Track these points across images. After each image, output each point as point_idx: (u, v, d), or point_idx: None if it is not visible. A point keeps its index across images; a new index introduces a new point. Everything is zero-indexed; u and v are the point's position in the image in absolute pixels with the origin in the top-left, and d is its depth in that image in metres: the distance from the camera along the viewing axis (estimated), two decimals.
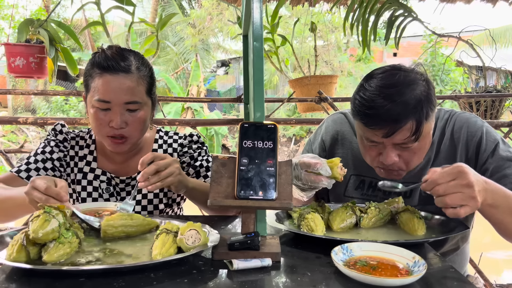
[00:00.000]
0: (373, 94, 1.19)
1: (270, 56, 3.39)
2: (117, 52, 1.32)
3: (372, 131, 1.21)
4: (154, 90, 1.41)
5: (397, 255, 0.91)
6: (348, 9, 3.00)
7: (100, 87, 1.28)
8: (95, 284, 0.79)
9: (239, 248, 0.91)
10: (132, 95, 1.30)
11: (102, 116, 1.30)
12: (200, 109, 12.34)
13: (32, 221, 0.89)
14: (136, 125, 1.34)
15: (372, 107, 1.18)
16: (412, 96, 1.17)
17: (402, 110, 1.16)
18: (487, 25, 7.25)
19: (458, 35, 3.21)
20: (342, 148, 1.48)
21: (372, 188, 1.42)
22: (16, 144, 10.14)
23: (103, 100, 1.29)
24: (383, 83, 1.20)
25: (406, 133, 1.18)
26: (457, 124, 1.36)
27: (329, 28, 12.11)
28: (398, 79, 1.20)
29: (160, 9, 15.86)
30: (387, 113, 1.16)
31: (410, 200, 1.38)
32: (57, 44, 2.65)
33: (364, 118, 1.21)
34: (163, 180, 1.19)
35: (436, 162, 1.35)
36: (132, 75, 1.30)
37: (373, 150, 1.27)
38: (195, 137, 1.55)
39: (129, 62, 1.31)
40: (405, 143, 1.20)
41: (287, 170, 0.97)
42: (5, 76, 13.29)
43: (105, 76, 1.28)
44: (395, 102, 1.16)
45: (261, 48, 1.00)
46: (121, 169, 1.47)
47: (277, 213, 1.24)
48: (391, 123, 1.17)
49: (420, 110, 1.17)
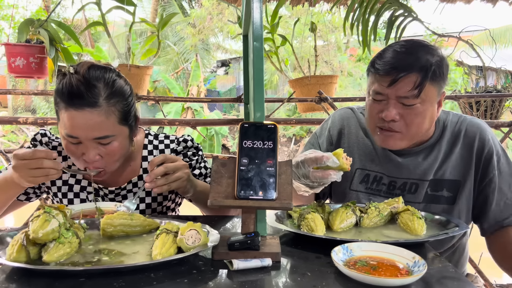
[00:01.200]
0: (393, 48, 1.31)
1: (270, 56, 3.39)
2: (83, 79, 1.18)
3: (380, 79, 1.28)
4: (131, 114, 1.28)
5: (397, 255, 0.91)
6: (348, 9, 3.00)
7: (67, 122, 1.18)
8: (95, 284, 0.79)
9: (239, 248, 0.91)
10: (100, 131, 1.20)
11: (74, 149, 1.23)
12: (200, 109, 12.34)
13: (32, 221, 0.89)
14: (110, 156, 1.25)
15: (389, 54, 1.29)
16: (424, 56, 1.27)
17: (411, 60, 1.25)
18: (487, 25, 7.26)
19: (458, 35, 3.21)
20: (349, 142, 1.50)
21: (377, 182, 1.44)
22: (16, 144, 10.15)
23: (71, 136, 1.20)
24: (408, 42, 1.33)
25: (409, 85, 1.24)
26: (469, 129, 1.39)
27: (329, 28, 12.11)
28: (418, 42, 1.32)
29: (160, 9, 15.85)
30: (397, 61, 1.26)
31: (414, 196, 1.39)
32: (57, 44, 2.65)
33: (378, 65, 1.29)
34: (170, 183, 1.18)
35: (448, 161, 1.37)
36: (99, 109, 1.18)
37: (377, 107, 1.31)
38: (189, 142, 1.46)
39: (96, 92, 1.18)
40: (407, 97, 1.25)
41: (287, 170, 0.97)
42: (5, 76, 13.28)
43: (70, 111, 1.17)
44: (407, 53, 1.27)
45: (261, 48, 1.00)
46: (110, 180, 1.38)
47: (277, 213, 1.24)
48: (398, 70, 1.25)
49: (427, 68, 1.25)
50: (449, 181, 1.37)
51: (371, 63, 1.33)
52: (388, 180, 1.42)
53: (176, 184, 1.20)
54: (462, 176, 1.37)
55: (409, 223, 1.13)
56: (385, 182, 1.43)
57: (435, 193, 1.38)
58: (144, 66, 2.98)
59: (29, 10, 12.73)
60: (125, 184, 1.40)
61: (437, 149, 1.38)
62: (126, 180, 1.41)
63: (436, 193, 1.38)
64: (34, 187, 1.40)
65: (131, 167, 1.42)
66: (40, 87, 12.86)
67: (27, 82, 13.02)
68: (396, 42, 1.36)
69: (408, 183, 1.40)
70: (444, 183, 1.37)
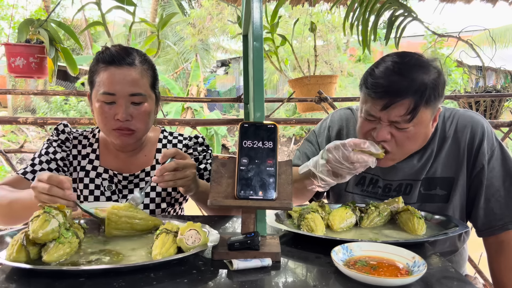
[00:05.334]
0: (385, 66, 1.25)
1: (270, 56, 3.38)
2: (121, 48, 1.37)
3: (373, 101, 1.24)
4: (157, 86, 1.44)
5: (397, 255, 0.91)
6: (348, 9, 3.00)
7: (105, 80, 1.32)
8: (95, 284, 0.79)
9: (239, 248, 0.91)
10: (136, 87, 1.33)
11: (107, 109, 1.33)
12: (200, 109, 12.34)
13: (32, 221, 0.89)
14: (141, 117, 1.35)
15: (381, 76, 1.23)
16: (419, 77, 1.20)
17: (405, 85, 1.19)
18: (487, 25, 7.25)
19: (458, 35, 3.21)
20: None
21: (372, 184, 1.44)
22: (16, 144, 10.14)
23: (108, 93, 1.31)
24: (398, 59, 1.25)
25: (401, 110, 1.20)
26: (460, 123, 1.37)
27: (328, 28, 12.11)
28: (412, 59, 1.25)
29: (160, 9, 15.85)
30: (391, 84, 1.21)
31: (409, 197, 1.39)
32: (57, 44, 2.65)
33: (370, 87, 1.24)
34: (176, 180, 1.20)
35: (438, 159, 1.36)
36: (136, 67, 1.34)
37: (368, 125, 1.29)
38: (200, 139, 1.56)
39: (133, 56, 1.35)
40: (399, 122, 1.22)
41: (287, 170, 0.97)
42: (5, 76, 13.28)
43: (110, 69, 1.32)
44: (401, 76, 1.21)
45: (261, 48, 1.00)
46: (124, 167, 1.47)
47: (277, 213, 1.24)
48: (392, 95, 1.20)
49: (422, 92, 1.19)
50: (441, 178, 1.36)
51: (364, 80, 1.28)
52: (384, 182, 1.42)
53: (182, 182, 1.22)
54: (455, 172, 1.36)
55: (409, 223, 1.13)
56: (381, 185, 1.42)
57: (428, 192, 1.38)
58: None
59: (29, 10, 12.75)
60: (138, 172, 1.47)
61: (431, 148, 1.37)
62: (140, 169, 1.47)
63: (429, 192, 1.38)
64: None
65: (146, 157, 1.50)
66: (40, 87, 12.86)
67: (27, 82, 13.02)
68: (389, 56, 1.28)
69: (404, 184, 1.39)
70: (436, 181, 1.37)
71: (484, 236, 1.38)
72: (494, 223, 1.33)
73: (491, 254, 1.38)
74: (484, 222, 1.35)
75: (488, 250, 1.39)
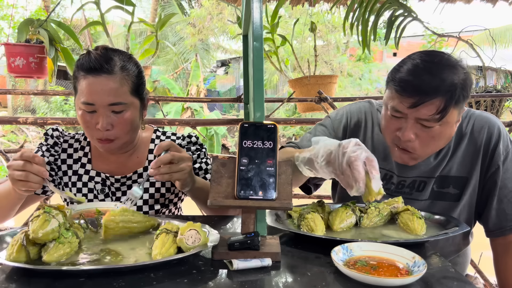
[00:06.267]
0: (414, 64, 1.23)
1: (270, 56, 3.38)
2: (101, 53, 1.32)
3: (401, 98, 1.22)
4: (143, 89, 1.40)
5: (397, 255, 0.91)
6: (348, 9, 3.00)
7: (84, 89, 1.29)
8: (95, 284, 0.79)
9: (239, 248, 0.91)
10: (115, 97, 1.29)
11: (89, 118, 1.31)
12: (200, 109, 12.34)
13: (32, 221, 0.89)
14: (122, 126, 1.32)
15: (410, 74, 1.21)
16: (449, 76, 1.19)
17: (436, 84, 1.18)
18: (487, 25, 7.25)
19: (458, 35, 3.21)
20: (364, 136, 1.46)
21: (386, 180, 1.42)
22: (16, 144, 10.15)
23: (87, 103, 1.29)
24: (429, 59, 1.23)
25: (432, 109, 1.19)
26: (477, 123, 1.37)
27: (328, 28, 12.11)
28: (442, 59, 1.23)
29: (159, 9, 15.84)
30: (422, 83, 1.19)
31: (421, 194, 1.38)
32: (57, 44, 2.65)
33: (400, 84, 1.22)
34: (172, 173, 1.19)
35: (454, 157, 1.36)
36: (114, 76, 1.30)
37: (395, 123, 1.27)
38: (193, 138, 1.52)
39: (113, 63, 1.31)
40: (427, 120, 1.20)
41: (287, 170, 0.97)
42: (5, 76, 13.28)
43: (88, 78, 1.29)
44: (432, 75, 1.19)
45: (261, 48, 1.00)
46: (116, 169, 1.46)
47: (277, 213, 1.24)
48: (422, 94, 1.18)
49: (452, 92, 1.18)
50: (455, 177, 1.36)
51: (392, 76, 1.26)
52: (398, 179, 1.41)
53: (178, 175, 1.21)
54: (469, 172, 1.36)
55: (409, 223, 1.13)
56: (394, 181, 1.41)
57: (441, 190, 1.38)
58: (143, 66, 2.98)
59: (28, 10, 12.74)
60: (131, 174, 1.45)
61: (447, 146, 1.36)
62: (132, 170, 1.46)
63: (442, 189, 1.37)
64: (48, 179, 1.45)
65: (138, 158, 1.48)
66: (39, 87, 12.86)
67: (27, 82, 13.03)
68: (417, 54, 1.26)
69: (417, 181, 1.39)
70: (450, 179, 1.37)
71: (494, 237, 1.38)
72: (505, 223, 1.33)
73: (498, 254, 1.38)
74: (496, 223, 1.35)
75: (494, 250, 1.39)
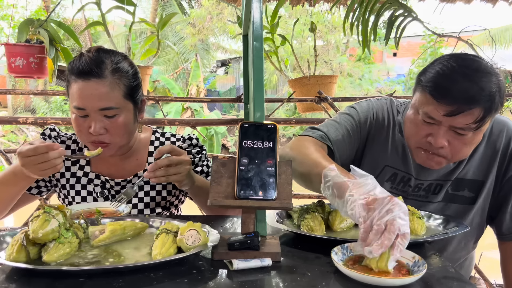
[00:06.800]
0: (452, 69, 1.17)
1: (270, 56, 3.38)
2: (92, 56, 1.29)
3: (437, 105, 1.16)
4: (138, 91, 1.37)
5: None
6: (348, 9, 3.00)
7: (75, 94, 1.27)
8: (95, 284, 0.79)
9: (239, 248, 0.91)
10: (106, 101, 1.27)
11: (81, 122, 1.29)
12: (200, 109, 12.34)
13: (32, 221, 0.89)
14: (115, 130, 1.31)
15: (449, 80, 1.16)
16: (488, 85, 1.14)
17: (476, 93, 1.13)
18: (487, 25, 7.24)
19: (458, 35, 3.21)
20: (386, 135, 1.40)
21: (403, 183, 1.39)
22: (16, 144, 10.14)
23: (79, 107, 1.27)
24: (464, 63, 1.18)
25: (469, 119, 1.15)
26: (495, 126, 1.34)
27: (328, 28, 12.11)
28: (480, 65, 1.18)
29: (160, 9, 15.84)
30: (462, 91, 1.13)
31: (436, 196, 1.37)
32: (57, 44, 2.65)
33: (436, 90, 1.17)
34: (168, 176, 1.20)
35: (472, 161, 1.34)
36: (105, 80, 1.27)
37: (426, 129, 1.22)
38: (194, 141, 1.50)
39: (103, 66, 1.28)
40: (463, 128, 1.16)
41: (287, 170, 0.97)
42: (5, 76, 13.28)
43: (79, 83, 1.27)
44: (473, 82, 1.14)
45: (261, 48, 1.00)
46: (116, 172, 1.44)
47: (277, 213, 1.24)
48: (462, 102, 1.13)
49: (492, 100, 1.14)
50: (471, 181, 1.35)
51: (426, 81, 1.20)
52: (416, 182, 1.38)
53: (175, 177, 1.21)
54: (485, 175, 1.34)
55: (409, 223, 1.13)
56: (412, 184, 1.38)
57: (455, 193, 1.36)
58: (143, 66, 2.98)
59: (29, 10, 12.74)
60: (131, 177, 1.44)
61: None
62: (132, 173, 1.45)
63: (457, 192, 1.36)
64: (45, 180, 1.46)
65: (137, 161, 1.47)
66: (40, 87, 12.86)
67: (27, 82, 13.02)
68: (452, 58, 1.20)
69: (434, 184, 1.37)
70: (466, 182, 1.35)
71: (506, 240, 1.37)
72: None
73: (506, 256, 1.38)
74: (510, 227, 1.35)
75: (504, 253, 1.39)
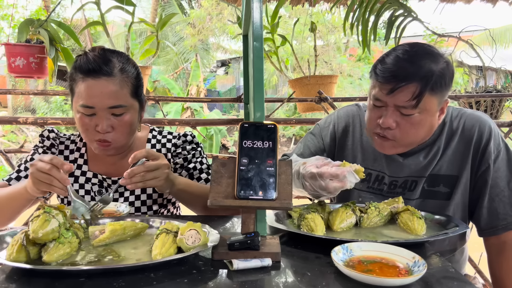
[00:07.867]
0: (395, 54, 1.28)
1: (270, 56, 3.38)
2: (99, 55, 1.29)
3: (380, 86, 1.26)
4: (141, 91, 1.39)
5: (397, 255, 0.91)
6: (348, 9, 3.00)
7: (83, 93, 1.26)
8: (95, 284, 0.79)
9: (239, 248, 0.91)
10: (116, 99, 1.28)
11: (88, 121, 1.29)
12: (200, 109, 12.34)
13: (32, 221, 0.89)
14: (122, 129, 1.32)
15: (389, 63, 1.26)
16: (427, 64, 1.23)
17: (412, 70, 1.22)
18: (487, 25, 7.25)
19: (458, 35, 3.21)
20: (353, 140, 1.50)
21: (378, 181, 1.44)
22: (16, 144, 10.14)
23: (87, 106, 1.27)
24: (408, 48, 1.28)
25: (407, 95, 1.22)
26: (468, 122, 1.37)
27: (328, 28, 12.10)
28: (422, 48, 1.28)
29: (159, 9, 15.84)
30: (398, 69, 1.24)
31: (412, 193, 1.39)
32: (57, 44, 2.65)
33: (378, 72, 1.27)
34: (145, 181, 1.18)
35: (444, 156, 1.37)
36: (114, 78, 1.28)
37: (376, 112, 1.30)
38: (189, 137, 1.51)
39: (112, 64, 1.29)
40: (405, 107, 1.24)
41: (287, 170, 0.97)
42: (5, 76, 13.28)
43: (88, 81, 1.26)
44: (409, 62, 1.24)
45: (261, 48, 1.00)
46: (114, 171, 1.45)
47: (277, 213, 1.24)
48: (397, 79, 1.23)
49: (428, 78, 1.22)
50: (445, 176, 1.37)
51: (374, 66, 1.32)
52: (390, 179, 1.42)
53: (152, 182, 1.20)
54: (459, 170, 1.36)
55: (409, 223, 1.13)
56: (386, 181, 1.43)
57: (431, 189, 1.39)
58: (143, 66, 2.98)
59: (29, 10, 12.73)
60: None
61: (437, 145, 1.37)
62: None
63: (432, 188, 1.38)
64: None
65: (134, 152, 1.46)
66: (40, 87, 12.85)
67: (27, 82, 13.02)
68: (401, 45, 1.32)
69: (409, 181, 1.40)
70: (441, 178, 1.37)
71: (486, 236, 1.38)
72: (496, 222, 1.33)
73: (492, 255, 1.38)
74: (487, 222, 1.35)
75: (488, 251, 1.39)
